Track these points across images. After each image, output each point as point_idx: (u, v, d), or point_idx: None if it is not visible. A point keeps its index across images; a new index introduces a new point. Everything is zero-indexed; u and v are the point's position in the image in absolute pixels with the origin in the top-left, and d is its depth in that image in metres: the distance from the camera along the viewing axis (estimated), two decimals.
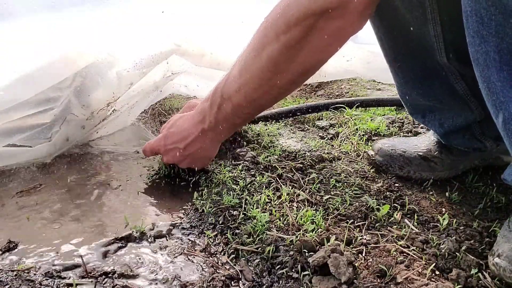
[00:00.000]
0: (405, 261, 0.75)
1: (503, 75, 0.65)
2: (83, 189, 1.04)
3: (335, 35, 0.78)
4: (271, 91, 0.88)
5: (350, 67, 1.85)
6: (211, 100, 0.95)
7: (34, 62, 1.02)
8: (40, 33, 1.10)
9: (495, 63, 0.65)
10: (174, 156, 1.01)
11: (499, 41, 0.63)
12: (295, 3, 0.76)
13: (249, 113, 0.97)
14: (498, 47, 0.63)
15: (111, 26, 1.20)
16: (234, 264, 0.76)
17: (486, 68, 0.66)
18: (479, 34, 0.64)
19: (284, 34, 0.78)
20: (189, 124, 1.00)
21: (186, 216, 0.93)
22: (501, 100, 0.67)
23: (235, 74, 0.89)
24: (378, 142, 1.13)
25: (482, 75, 0.68)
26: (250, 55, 0.86)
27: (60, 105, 1.13)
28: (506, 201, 0.95)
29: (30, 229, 0.88)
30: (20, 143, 1.09)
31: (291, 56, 0.81)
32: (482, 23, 0.63)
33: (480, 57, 0.66)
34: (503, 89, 0.66)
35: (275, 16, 0.80)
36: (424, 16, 0.84)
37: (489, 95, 0.68)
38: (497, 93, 0.67)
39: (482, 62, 0.66)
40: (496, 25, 0.62)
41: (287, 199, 0.95)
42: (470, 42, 0.66)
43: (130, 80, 1.21)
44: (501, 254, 0.71)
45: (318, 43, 0.79)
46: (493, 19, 0.62)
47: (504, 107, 0.67)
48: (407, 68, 0.97)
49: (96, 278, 0.72)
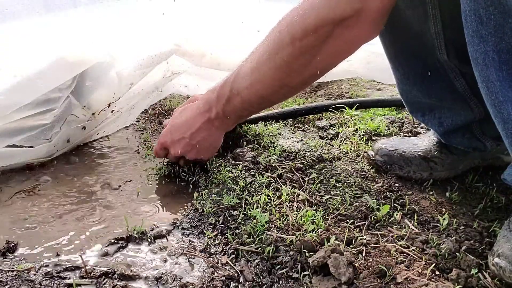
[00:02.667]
0: (405, 261, 0.75)
1: (502, 74, 0.65)
2: (83, 189, 1.04)
3: (350, 42, 0.82)
4: (281, 90, 0.92)
5: (350, 67, 1.85)
6: (218, 92, 0.98)
7: (33, 65, 1.02)
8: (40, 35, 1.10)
9: (494, 62, 0.65)
10: (181, 146, 1.03)
11: (498, 40, 0.63)
12: (313, 11, 0.78)
13: (257, 108, 1.01)
14: (497, 46, 0.64)
15: (112, 27, 1.20)
16: (234, 264, 0.76)
17: (485, 67, 0.66)
18: (478, 33, 0.64)
19: (300, 40, 0.81)
20: (194, 114, 1.02)
21: (186, 216, 0.93)
22: (500, 100, 0.67)
23: (247, 72, 0.92)
24: (378, 142, 1.13)
25: (481, 75, 0.68)
26: (263, 56, 0.88)
27: (61, 106, 1.13)
28: (506, 201, 0.95)
29: (30, 229, 0.88)
30: (21, 144, 1.09)
31: (306, 61, 0.84)
32: (481, 23, 0.63)
33: (479, 56, 0.66)
34: (502, 88, 0.66)
35: (291, 21, 0.82)
36: (424, 13, 0.84)
37: (488, 95, 0.68)
38: (496, 92, 0.67)
39: (481, 61, 0.66)
40: (495, 25, 0.62)
41: (287, 199, 0.95)
42: (469, 41, 0.66)
43: (131, 80, 1.21)
44: (501, 254, 0.71)
45: (333, 50, 0.83)
46: (492, 18, 0.62)
47: (503, 107, 0.67)
48: (408, 64, 0.97)
49: (96, 279, 0.72)
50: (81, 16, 1.16)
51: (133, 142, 1.32)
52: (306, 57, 0.83)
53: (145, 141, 1.32)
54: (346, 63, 1.85)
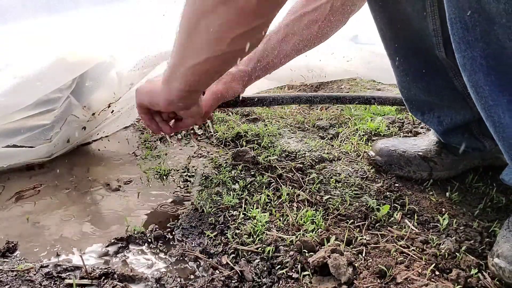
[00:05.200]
0: (405, 261, 0.75)
1: (490, 79, 0.66)
2: (83, 190, 1.04)
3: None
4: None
5: (350, 67, 1.85)
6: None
7: (33, 66, 1.02)
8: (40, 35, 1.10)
9: (482, 68, 0.65)
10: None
11: (485, 46, 0.63)
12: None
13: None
14: (484, 52, 0.64)
15: (112, 27, 1.20)
16: (234, 265, 0.76)
17: (473, 73, 0.67)
18: (465, 40, 0.65)
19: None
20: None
21: (186, 216, 0.93)
22: (490, 104, 0.67)
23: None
24: (378, 142, 1.13)
25: (469, 80, 0.68)
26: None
27: (61, 106, 1.13)
28: (506, 201, 0.95)
29: (30, 229, 0.88)
30: (21, 144, 1.09)
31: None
32: (467, 29, 0.64)
33: (467, 62, 0.66)
34: (491, 93, 0.67)
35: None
36: (423, 10, 0.84)
37: (478, 99, 0.69)
38: (485, 97, 0.67)
39: (469, 67, 0.67)
40: (481, 31, 0.63)
41: (287, 199, 0.95)
42: (456, 48, 0.67)
43: (131, 80, 1.20)
44: (500, 255, 0.71)
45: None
46: (477, 25, 0.62)
47: (494, 110, 0.68)
48: (408, 61, 0.97)
49: (96, 279, 0.72)
50: (82, 16, 1.16)
51: (133, 142, 1.32)
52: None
53: (145, 141, 1.32)
54: (346, 63, 1.85)
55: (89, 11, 1.17)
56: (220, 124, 1.41)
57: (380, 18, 0.95)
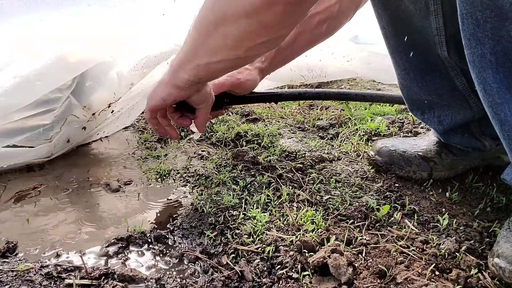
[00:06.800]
0: (405, 262, 0.75)
1: (499, 77, 0.65)
2: (83, 190, 1.04)
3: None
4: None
5: (350, 67, 1.85)
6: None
7: (33, 66, 1.02)
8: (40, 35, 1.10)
9: (491, 65, 0.65)
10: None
11: (495, 43, 0.63)
12: None
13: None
14: (494, 49, 0.64)
15: (112, 27, 1.20)
16: (234, 265, 0.76)
17: (482, 70, 0.66)
18: (475, 36, 0.64)
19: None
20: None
21: (186, 216, 0.93)
22: (497, 101, 0.67)
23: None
24: (378, 142, 1.13)
25: (478, 77, 0.68)
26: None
27: (61, 106, 1.13)
28: (506, 201, 0.95)
29: (30, 229, 0.88)
30: (21, 144, 1.09)
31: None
32: (478, 25, 0.63)
33: (476, 59, 0.66)
34: (499, 91, 0.66)
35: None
36: (427, 8, 0.84)
37: (485, 97, 0.69)
38: (493, 95, 0.67)
39: (478, 64, 0.66)
40: (491, 28, 0.62)
41: (287, 199, 0.95)
42: (466, 44, 0.67)
43: (131, 80, 1.20)
44: (501, 254, 0.71)
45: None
46: (488, 21, 0.62)
47: (500, 108, 0.67)
48: (409, 59, 0.97)
49: (96, 279, 0.72)
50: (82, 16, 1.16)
51: (133, 142, 1.32)
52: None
53: (145, 142, 1.32)
54: (346, 63, 1.84)
55: (88, 10, 1.17)
56: (220, 124, 1.41)
57: (383, 16, 0.95)
